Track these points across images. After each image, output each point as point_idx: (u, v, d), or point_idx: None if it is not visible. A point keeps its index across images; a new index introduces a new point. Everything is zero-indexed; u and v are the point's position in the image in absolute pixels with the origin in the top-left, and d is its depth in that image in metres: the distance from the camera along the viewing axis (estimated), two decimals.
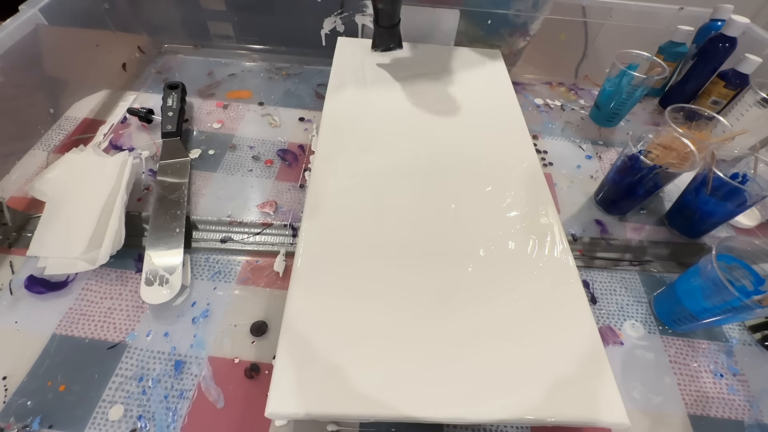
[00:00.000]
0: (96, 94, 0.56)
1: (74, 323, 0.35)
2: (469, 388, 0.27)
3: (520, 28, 0.61)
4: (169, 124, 0.49)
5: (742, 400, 0.35)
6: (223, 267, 0.40)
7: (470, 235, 0.36)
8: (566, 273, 0.34)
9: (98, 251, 0.37)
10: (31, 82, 0.49)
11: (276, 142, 0.53)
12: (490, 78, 0.55)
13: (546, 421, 0.27)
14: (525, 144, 0.45)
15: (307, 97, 0.61)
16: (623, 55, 0.56)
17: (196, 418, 0.31)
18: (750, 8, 0.75)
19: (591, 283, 0.42)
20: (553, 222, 0.38)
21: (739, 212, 0.43)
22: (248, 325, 0.36)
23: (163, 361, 0.33)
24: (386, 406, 0.26)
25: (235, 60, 0.66)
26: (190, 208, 0.45)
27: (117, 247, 0.38)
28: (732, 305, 0.32)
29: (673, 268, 0.44)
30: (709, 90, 0.60)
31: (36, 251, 0.37)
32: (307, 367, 0.27)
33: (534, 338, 0.30)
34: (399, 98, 0.50)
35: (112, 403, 0.31)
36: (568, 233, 0.46)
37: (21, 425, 0.30)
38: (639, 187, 0.43)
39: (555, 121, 0.61)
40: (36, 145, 0.49)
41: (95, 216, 0.39)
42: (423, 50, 0.59)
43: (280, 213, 0.45)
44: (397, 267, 0.33)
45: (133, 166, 0.44)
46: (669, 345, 0.38)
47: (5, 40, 0.43)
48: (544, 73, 0.71)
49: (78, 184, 0.42)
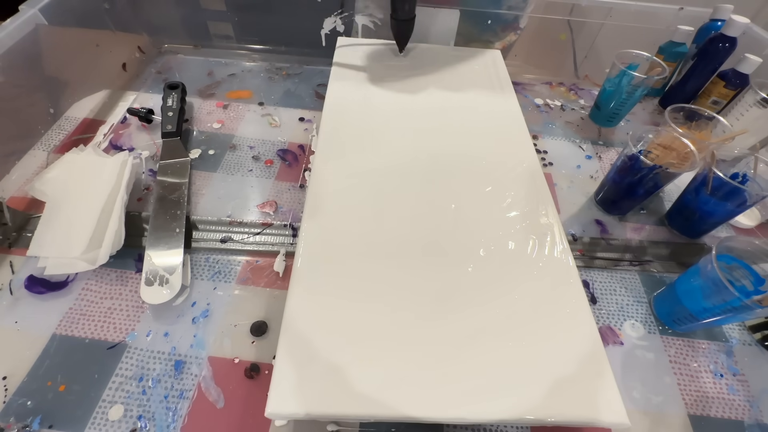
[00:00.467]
0: (96, 94, 0.56)
1: (74, 323, 0.35)
2: (469, 388, 0.27)
3: (512, 23, 0.62)
4: (169, 124, 0.49)
5: (742, 400, 0.35)
6: (223, 267, 0.40)
7: (470, 235, 0.36)
8: (566, 273, 0.34)
9: (98, 251, 0.37)
10: (31, 82, 0.49)
11: (276, 142, 0.53)
12: (490, 78, 0.55)
13: (546, 421, 0.27)
14: (525, 144, 0.45)
15: (307, 97, 0.61)
16: (623, 55, 0.56)
17: (196, 418, 0.31)
18: (750, 8, 0.75)
19: (591, 283, 0.42)
20: (553, 222, 0.37)
21: (739, 212, 0.43)
22: (248, 325, 0.36)
23: (163, 361, 0.33)
24: (386, 406, 0.26)
25: (235, 60, 0.66)
26: (190, 208, 0.45)
27: (117, 247, 0.38)
28: (732, 305, 0.32)
29: (673, 268, 0.44)
30: (709, 90, 0.60)
31: (36, 251, 0.37)
32: (307, 367, 0.27)
33: (534, 338, 0.30)
34: (399, 98, 0.50)
35: (112, 403, 0.31)
36: (568, 233, 0.46)
37: (21, 425, 0.30)
38: (639, 187, 0.43)
39: (555, 121, 0.61)
40: (36, 145, 0.49)
41: (95, 216, 0.39)
42: (423, 50, 0.59)
43: (280, 213, 0.45)
44: (397, 267, 0.33)
45: (133, 166, 0.44)
46: (669, 345, 0.38)
47: (5, 40, 0.43)
48: (544, 73, 0.71)
49: (78, 184, 0.42)
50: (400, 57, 0.57)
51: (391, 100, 0.50)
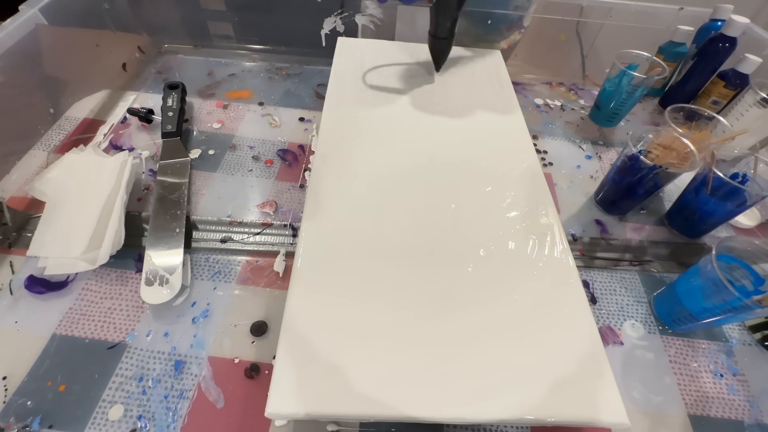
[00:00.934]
0: (96, 94, 0.56)
1: (74, 323, 0.35)
2: (469, 388, 0.27)
3: (517, 22, 0.62)
4: (169, 124, 0.49)
5: (742, 400, 0.35)
6: (223, 267, 0.40)
7: (470, 235, 0.36)
8: (566, 273, 0.34)
9: (98, 251, 0.37)
10: (31, 82, 0.49)
11: (276, 142, 0.53)
12: (490, 78, 0.55)
13: (546, 421, 0.27)
14: (525, 144, 0.45)
15: (307, 97, 0.61)
16: (623, 55, 0.56)
17: (196, 418, 0.31)
18: (750, 8, 0.75)
19: (591, 283, 0.42)
20: (553, 222, 0.38)
21: (739, 212, 0.43)
22: (248, 325, 0.36)
23: (163, 361, 0.33)
24: (386, 406, 0.26)
25: (235, 60, 0.66)
26: (190, 208, 0.45)
27: (117, 247, 0.38)
28: (732, 305, 0.32)
29: (673, 268, 0.44)
30: (709, 90, 0.60)
31: (36, 251, 0.37)
32: (307, 367, 0.27)
33: (534, 338, 0.30)
34: (399, 98, 0.50)
35: (112, 403, 0.31)
36: (568, 233, 0.46)
37: (21, 425, 0.30)
38: (639, 187, 0.43)
39: (555, 121, 0.61)
40: (36, 145, 0.49)
41: (95, 216, 0.39)
42: (423, 50, 0.59)
43: (280, 213, 0.45)
44: (397, 267, 0.33)
45: (133, 166, 0.44)
46: (669, 345, 0.38)
47: (5, 40, 0.43)
48: (544, 73, 0.71)
49: (78, 184, 0.42)
50: (400, 57, 0.57)
51: (392, 100, 0.50)
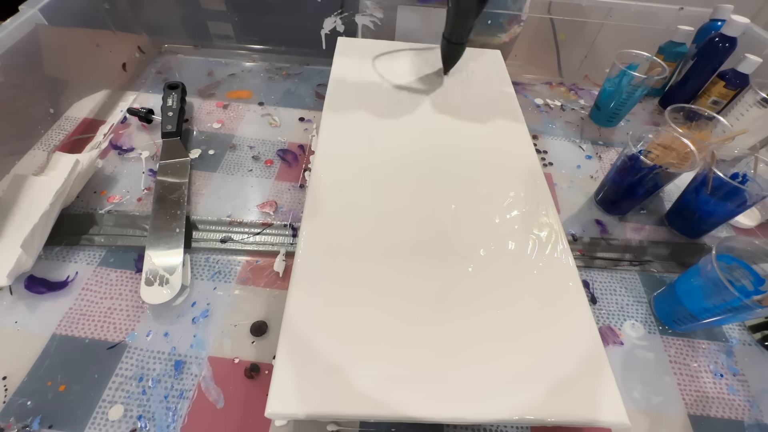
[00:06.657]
0: (96, 94, 0.56)
1: (74, 323, 0.35)
2: (469, 388, 0.27)
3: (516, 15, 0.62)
4: (169, 124, 0.49)
5: (742, 400, 0.35)
6: (223, 267, 0.40)
7: (470, 235, 0.36)
8: (566, 273, 0.34)
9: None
10: (31, 82, 0.49)
11: (276, 142, 0.53)
12: (490, 78, 0.55)
13: (546, 421, 0.27)
14: (525, 144, 0.45)
15: (307, 97, 0.61)
16: (623, 55, 0.56)
17: (196, 418, 0.31)
18: (750, 8, 0.75)
19: (591, 283, 0.42)
20: (553, 222, 0.37)
21: (739, 212, 0.43)
22: (248, 325, 0.36)
23: (163, 361, 0.33)
24: (386, 406, 0.26)
25: (235, 60, 0.66)
26: (190, 208, 0.45)
27: (23, 269, 0.36)
28: (732, 305, 0.32)
29: (673, 268, 0.44)
30: (709, 90, 0.60)
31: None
32: (307, 367, 0.27)
33: (534, 338, 0.30)
34: (399, 98, 0.50)
35: (112, 403, 0.31)
36: (568, 233, 0.46)
37: (21, 425, 0.30)
38: (639, 187, 0.43)
39: (555, 121, 0.61)
40: (36, 145, 0.49)
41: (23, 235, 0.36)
42: (423, 50, 0.59)
43: (280, 213, 0.45)
44: (397, 267, 0.33)
45: (87, 166, 0.42)
46: (669, 345, 0.38)
47: (5, 40, 0.43)
48: (544, 73, 0.71)
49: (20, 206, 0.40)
50: (400, 58, 0.57)
51: (391, 100, 0.50)
